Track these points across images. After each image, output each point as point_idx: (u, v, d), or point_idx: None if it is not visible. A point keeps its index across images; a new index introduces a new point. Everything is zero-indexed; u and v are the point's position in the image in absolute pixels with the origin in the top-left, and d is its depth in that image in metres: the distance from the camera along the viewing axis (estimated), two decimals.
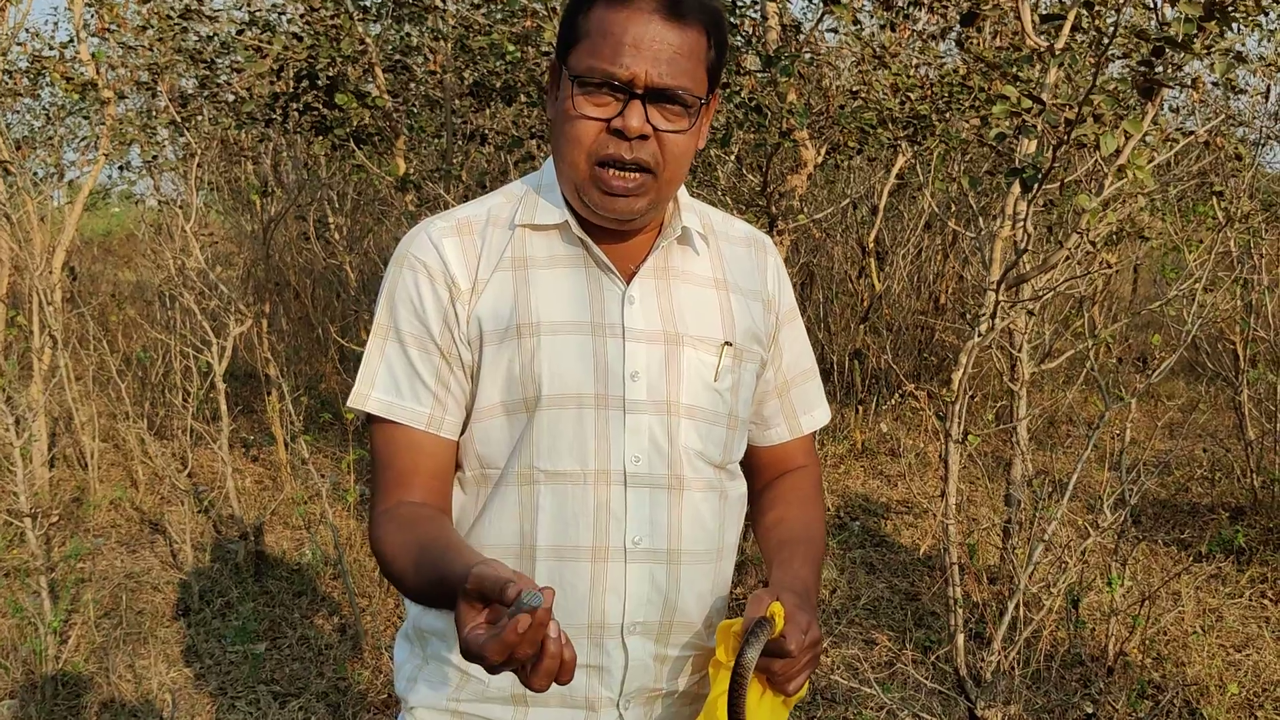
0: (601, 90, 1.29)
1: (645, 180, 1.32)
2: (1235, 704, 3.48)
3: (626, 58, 1.27)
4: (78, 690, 3.49)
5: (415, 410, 1.37)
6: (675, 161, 1.33)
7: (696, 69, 1.31)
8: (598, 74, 1.28)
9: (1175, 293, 4.18)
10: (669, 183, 1.34)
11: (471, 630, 1.09)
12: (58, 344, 5.11)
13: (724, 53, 1.35)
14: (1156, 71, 2.24)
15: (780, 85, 3.73)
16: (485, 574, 1.09)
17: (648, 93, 1.28)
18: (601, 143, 1.30)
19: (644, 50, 1.27)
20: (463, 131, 4.88)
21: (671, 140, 1.31)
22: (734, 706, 1.24)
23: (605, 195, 1.32)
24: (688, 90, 1.30)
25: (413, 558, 1.27)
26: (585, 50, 1.29)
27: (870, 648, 3.91)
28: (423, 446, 1.37)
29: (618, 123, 1.29)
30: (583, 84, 1.29)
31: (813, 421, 1.58)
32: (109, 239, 12.24)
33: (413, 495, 1.36)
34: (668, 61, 1.28)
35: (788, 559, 1.44)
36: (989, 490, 5.40)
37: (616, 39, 1.27)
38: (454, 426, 1.38)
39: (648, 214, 1.36)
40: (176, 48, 5.08)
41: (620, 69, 1.27)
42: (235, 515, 4.63)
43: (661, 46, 1.28)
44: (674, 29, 1.28)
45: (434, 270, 1.36)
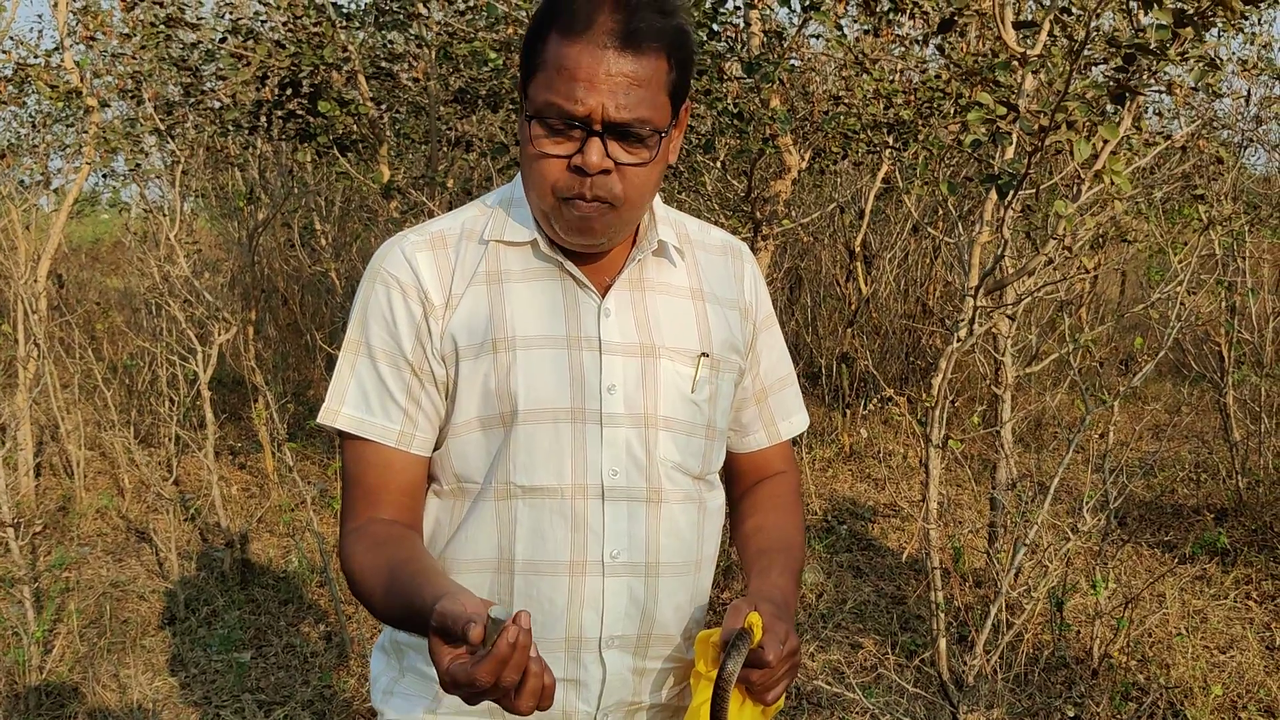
0: (559, 128, 1.26)
1: (607, 211, 1.31)
2: (1219, 705, 3.49)
3: (581, 93, 1.24)
4: (61, 700, 3.48)
5: (385, 427, 1.36)
6: (637, 191, 1.31)
7: (656, 96, 1.28)
8: (554, 111, 1.25)
9: (1159, 295, 4.20)
10: (632, 209, 1.33)
11: (453, 661, 1.08)
12: (42, 352, 5.10)
13: (688, 68, 1.33)
14: (1131, 78, 2.25)
15: (763, 91, 3.75)
16: (449, 611, 1.08)
17: (606, 128, 1.26)
18: (566, 181, 1.28)
19: (599, 85, 1.24)
20: (448, 138, 4.89)
21: (633, 173, 1.29)
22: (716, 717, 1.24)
23: (569, 227, 1.32)
24: (647, 121, 1.27)
25: (382, 580, 1.27)
26: (542, 83, 1.27)
27: (856, 651, 3.91)
28: (392, 463, 1.37)
29: (577, 160, 1.27)
30: (542, 121, 1.27)
31: (791, 428, 1.58)
32: (97, 246, 12.21)
33: (382, 512, 1.36)
34: (624, 93, 1.24)
35: (766, 568, 1.43)
36: (975, 494, 5.42)
37: (570, 74, 1.24)
38: (425, 443, 1.38)
39: (615, 238, 1.36)
40: (161, 55, 5.08)
41: (576, 106, 1.24)
42: (221, 523, 4.63)
43: (618, 79, 1.24)
44: (630, 59, 1.24)
45: (407, 285, 1.36)
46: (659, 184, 1.36)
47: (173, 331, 5.65)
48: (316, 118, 4.46)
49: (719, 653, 1.28)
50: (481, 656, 1.05)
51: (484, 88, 4.50)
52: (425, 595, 1.17)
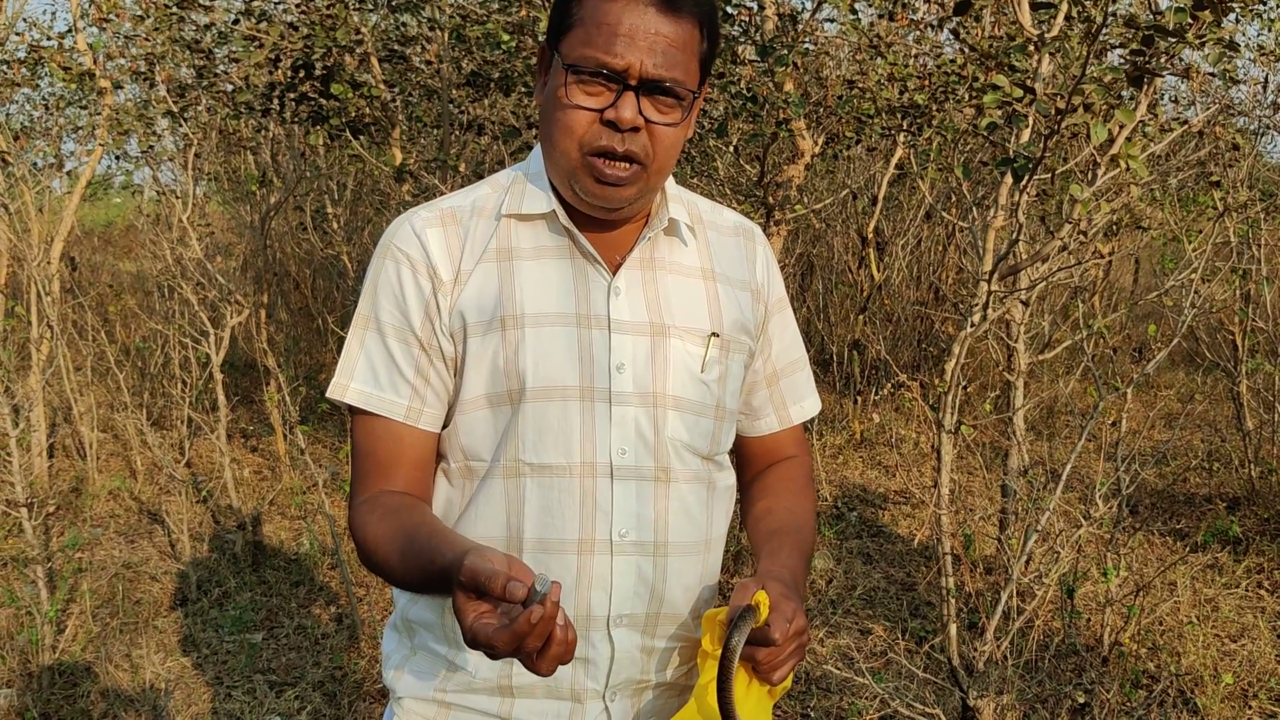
0: (595, 80, 1.28)
1: (635, 170, 1.31)
2: (1230, 694, 3.48)
3: (621, 47, 1.26)
4: (74, 679, 3.50)
5: (394, 402, 1.37)
6: (665, 153, 1.32)
7: (690, 61, 1.30)
8: (591, 63, 1.27)
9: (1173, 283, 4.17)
10: (658, 173, 1.34)
11: (477, 619, 1.09)
12: (55, 334, 5.12)
13: (716, 45, 1.35)
14: (1148, 61, 2.23)
15: (777, 75, 3.73)
16: (479, 567, 1.09)
17: (641, 84, 1.27)
18: (594, 134, 1.29)
19: (639, 41, 1.26)
20: (460, 122, 4.88)
21: (663, 132, 1.30)
22: (723, 693, 1.23)
23: (596, 183, 1.31)
24: (681, 83, 1.29)
25: (398, 545, 1.28)
26: (579, 38, 1.28)
27: (865, 637, 3.91)
28: (402, 438, 1.37)
29: (610, 114, 1.28)
30: (576, 72, 1.28)
31: (802, 412, 1.58)
32: (110, 229, 12.24)
33: (393, 484, 1.37)
34: (663, 53, 1.27)
35: (776, 549, 1.43)
36: (986, 480, 5.40)
37: (611, 28, 1.26)
38: (433, 419, 1.38)
39: (636, 203, 1.36)
40: (174, 37, 5.08)
41: (615, 59, 1.26)
42: (233, 505, 4.64)
43: (656, 38, 1.27)
44: (669, 20, 1.27)
45: (416, 261, 1.36)
46: (680, 151, 1.36)
47: (185, 314, 5.67)
48: (329, 100, 4.46)
49: (725, 630, 1.27)
50: (504, 626, 1.06)
51: (497, 71, 4.49)
52: (446, 553, 1.18)
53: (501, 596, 1.07)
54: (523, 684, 1.39)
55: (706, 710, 1.28)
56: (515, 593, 1.06)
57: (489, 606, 1.10)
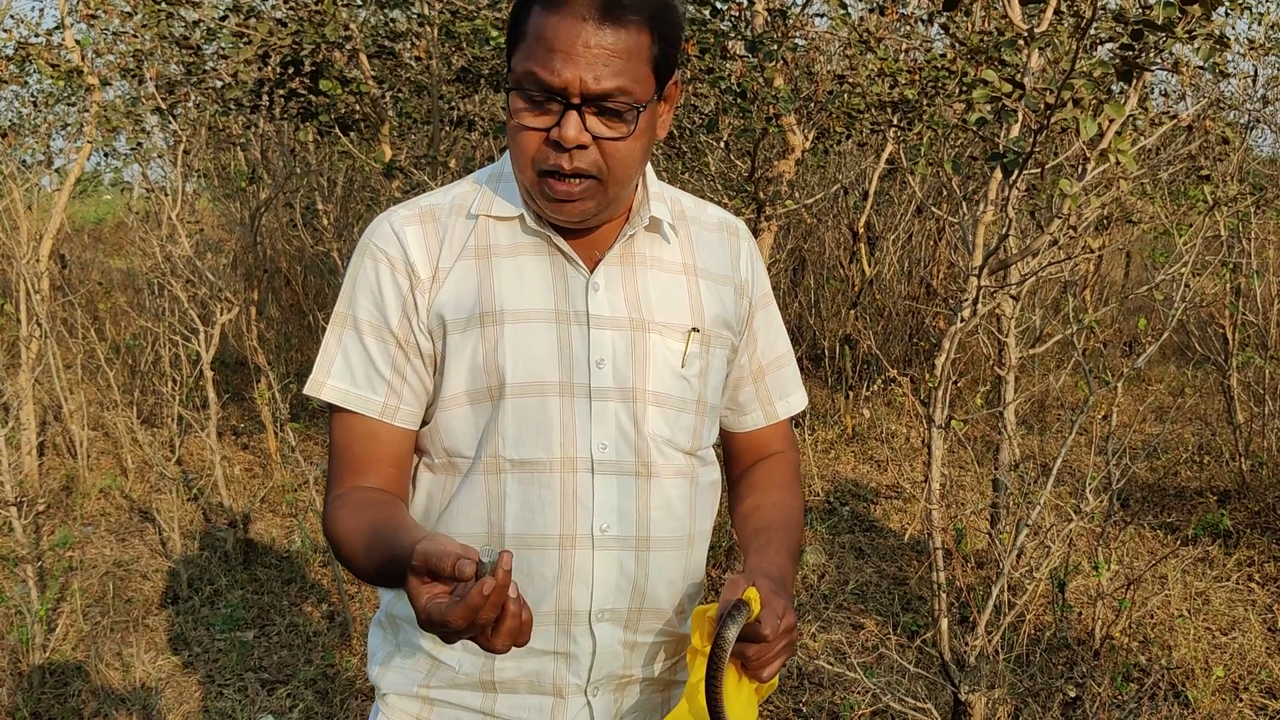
0: (538, 99, 1.26)
1: (589, 185, 1.29)
2: (1220, 687, 3.49)
3: (559, 64, 1.23)
4: (65, 678, 3.49)
5: (369, 399, 1.37)
6: (621, 165, 1.30)
7: (638, 68, 1.26)
8: (532, 82, 1.25)
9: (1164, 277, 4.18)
10: (617, 184, 1.32)
11: (430, 600, 1.09)
12: (45, 332, 5.10)
13: (674, 43, 1.31)
14: (1137, 55, 2.23)
15: (767, 71, 3.72)
16: (430, 550, 1.09)
17: (585, 100, 1.25)
18: (542, 154, 1.28)
19: (577, 57, 1.23)
20: (450, 118, 4.86)
21: (612, 146, 1.28)
22: (712, 687, 1.23)
23: (551, 202, 1.31)
24: (627, 92, 1.26)
25: (365, 540, 1.28)
26: (523, 54, 1.26)
27: (857, 632, 3.92)
28: (378, 435, 1.37)
29: (554, 133, 1.26)
30: (521, 90, 1.26)
31: (788, 407, 1.58)
32: (100, 227, 12.20)
33: (368, 481, 1.37)
34: (603, 65, 1.23)
35: (764, 546, 1.43)
36: (978, 475, 5.41)
37: (549, 45, 1.23)
38: (409, 416, 1.38)
39: (601, 214, 1.35)
40: (162, 34, 5.05)
41: (553, 76, 1.23)
42: (224, 503, 4.63)
43: (596, 51, 1.23)
44: (610, 30, 1.23)
45: (395, 259, 1.36)
46: (644, 159, 1.34)
47: (175, 312, 5.65)
48: (318, 96, 4.44)
49: (714, 627, 1.27)
50: (456, 601, 1.06)
51: (486, 66, 4.48)
52: (404, 541, 1.18)
53: (452, 574, 1.06)
54: (505, 679, 1.39)
55: (697, 709, 1.28)
56: (464, 569, 1.06)
57: (442, 588, 1.10)
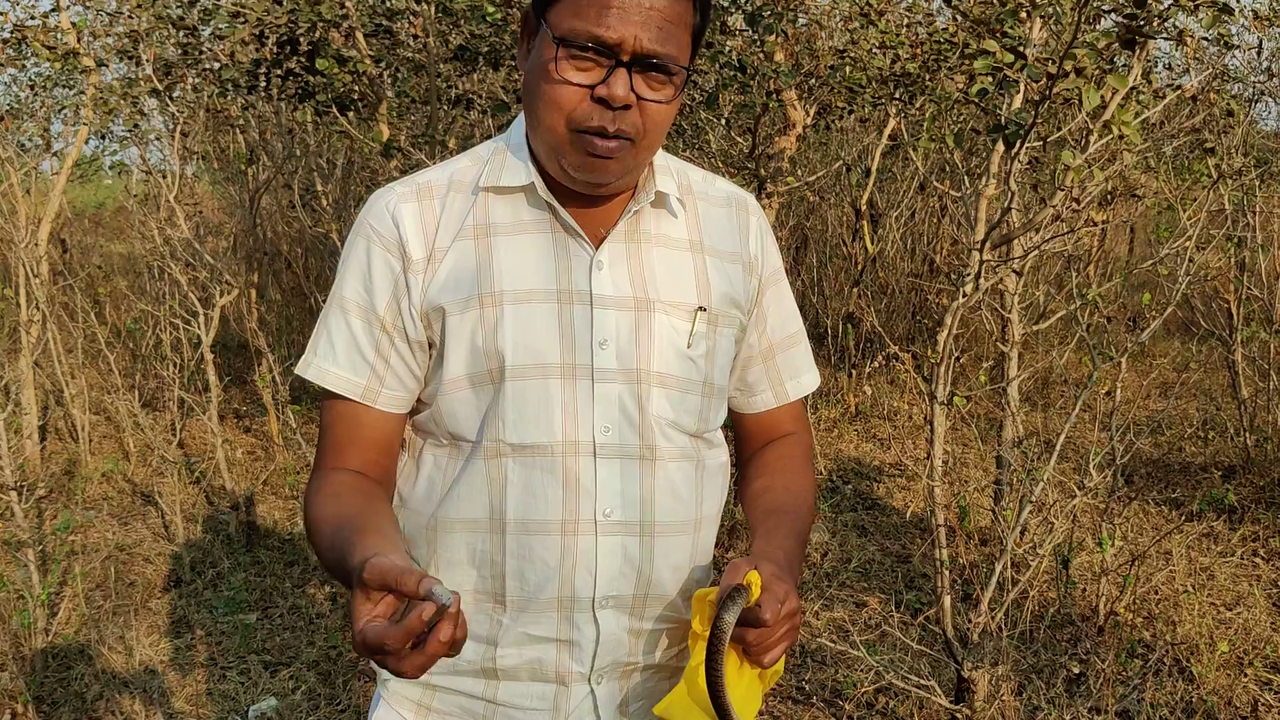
0: (585, 54, 1.23)
1: (624, 145, 1.27)
2: (1225, 662, 3.48)
3: (614, 21, 1.21)
4: (68, 662, 3.49)
5: (350, 380, 1.35)
6: (655, 129, 1.28)
7: (683, 35, 1.26)
8: (583, 36, 1.22)
9: (1168, 251, 4.15)
10: (646, 149, 1.30)
11: (368, 623, 1.06)
12: (45, 317, 5.08)
13: (708, 18, 1.31)
14: (1141, 24, 2.20)
15: (767, 45, 3.69)
16: (384, 565, 1.06)
17: (634, 60, 1.23)
18: (584, 111, 1.25)
19: (632, 15, 1.21)
20: (448, 97, 4.83)
21: (655, 109, 1.26)
22: (712, 671, 1.21)
23: (584, 158, 1.27)
24: (674, 59, 1.25)
25: (329, 531, 1.25)
26: (569, 9, 1.23)
27: (860, 610, 3.91)
28: (359, 417, 1.35)
29: (601, 90, 1.23)
30: (567, 45, 1.23)
31: (800, 387, 1.54)
32: (101, 211, 12.18)
33: (347, 463, 1.35)
34: (657, 27, 1.22)
35: (772, 529, 1.40)
36: (981, 452, 5.40)
37: (603, 1, 1.21)
38: (392, 400, 1.36)
39: (624, 178, 1.32)
40: (158, 14, 5.02)
41: (608, 32, 1.21)
42: (226, 486, 4.63)
43: (650, 12, 1.22)
44: None
45: (387, 240, 1.33)
46: (669, 125, 1.33)
47: (176, 295, 5.63)
48: (315, 76, 4.41)
49: (714, 610, 1.24)
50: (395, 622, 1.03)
51: (484, 44, 4.44)
52: (358, 551, 1.14)
53: (413, 593, 1.03)
54: (507, 666, 1.37)
55: (697, 693, 1.26)
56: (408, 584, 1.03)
57: (382, 610, 1.07)
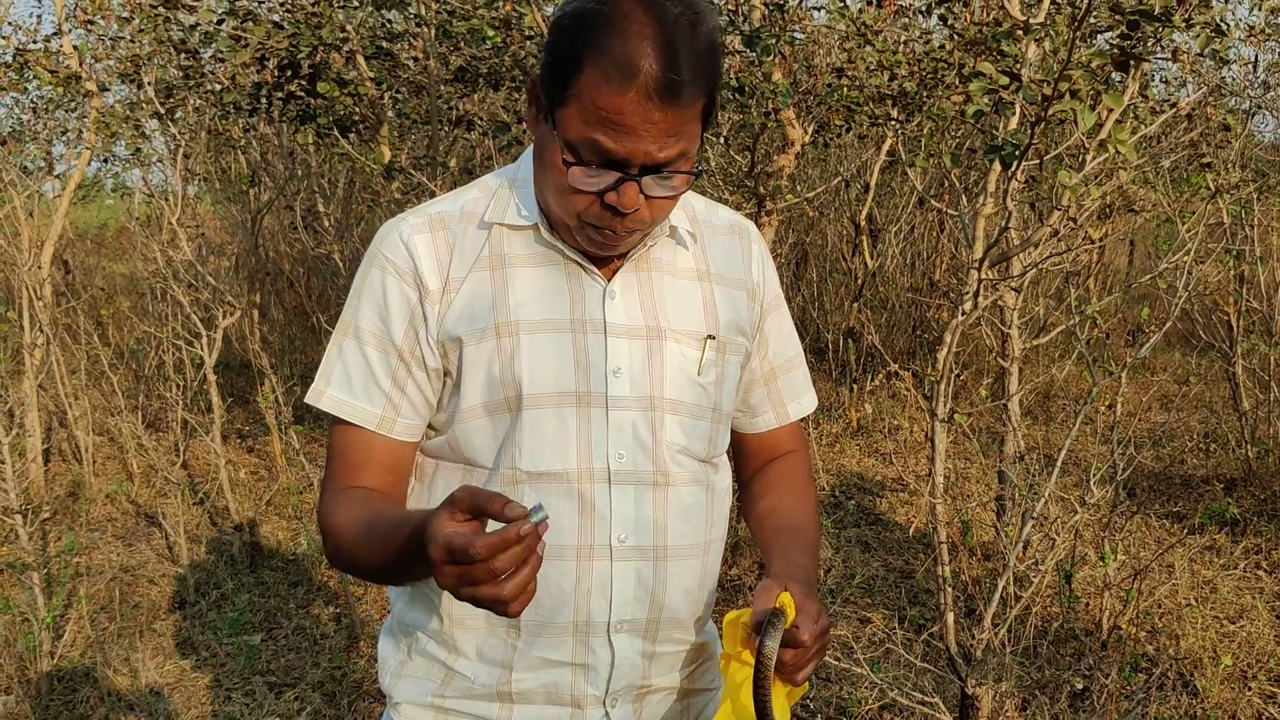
0: (596, 165, 1.23)
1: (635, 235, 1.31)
2: (1229, 675, 3.49)
3: (625, 138, 1.20)
4: (73, 685, 3.50)
5: (367, 410, 1.36)
6: (665, 215, 1.31)
7: (693, 128, 1.25)
8: (591, 150, 1.22)
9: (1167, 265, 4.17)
10: (657, 223, 1.32)
11: (455, 529, 1.06)
12: (48, 338, 5.10)
13: (719, 86, 1.29)
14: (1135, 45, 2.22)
15: (765, 65, 3.71)
16: (474, 488, 1.08)
17: (643, 170, 1.23)
18: (595, 213, 1.26)
19: (641, 133, 1.20)
20: (449, 118, 4.86)
21: (661, 203, 1.28)
22: (760, 699, 1.23)
23: (593, 246, 1.32)
24: (686, 155, 1.25)
25: (364, 525, 1.27)
26: (577, 116, 1.22)
27: (864, 626, 3.91)
28: (374, 445, 1.37)
29: (611, 199, 1.24)
30: (574, 151, 1.23)
31: (800, 409, 1.57)
32: (102, 232, 12.21)
33: (363, 483, 1.37)
34: (666, 137, 1.22)
35: (786, 547, 1.42)
36: (983, 467, 5.40)
37: (611, 119, 1.20)
38: (408, 429, 1.37)
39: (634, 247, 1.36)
40: (159, 38, 5.05)
41: (617, 147, 1.21)
42: (230, 507, 4.64)
43: (661, 126, 1.21)
44: (673, 108, 1.20)
45: (403, 270, 1.35)
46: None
47: (178, 316, 5.65)
48: (316, 99, 4.44)
49: (750, 634, 1.26)
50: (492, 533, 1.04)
51: (484, 66, 4.47)
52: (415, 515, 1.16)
53: (499, 514, 1.05)
54: (522, 690, 1.38)
55: (741, 711, 1.28)
56: (514, 510, 1.04)
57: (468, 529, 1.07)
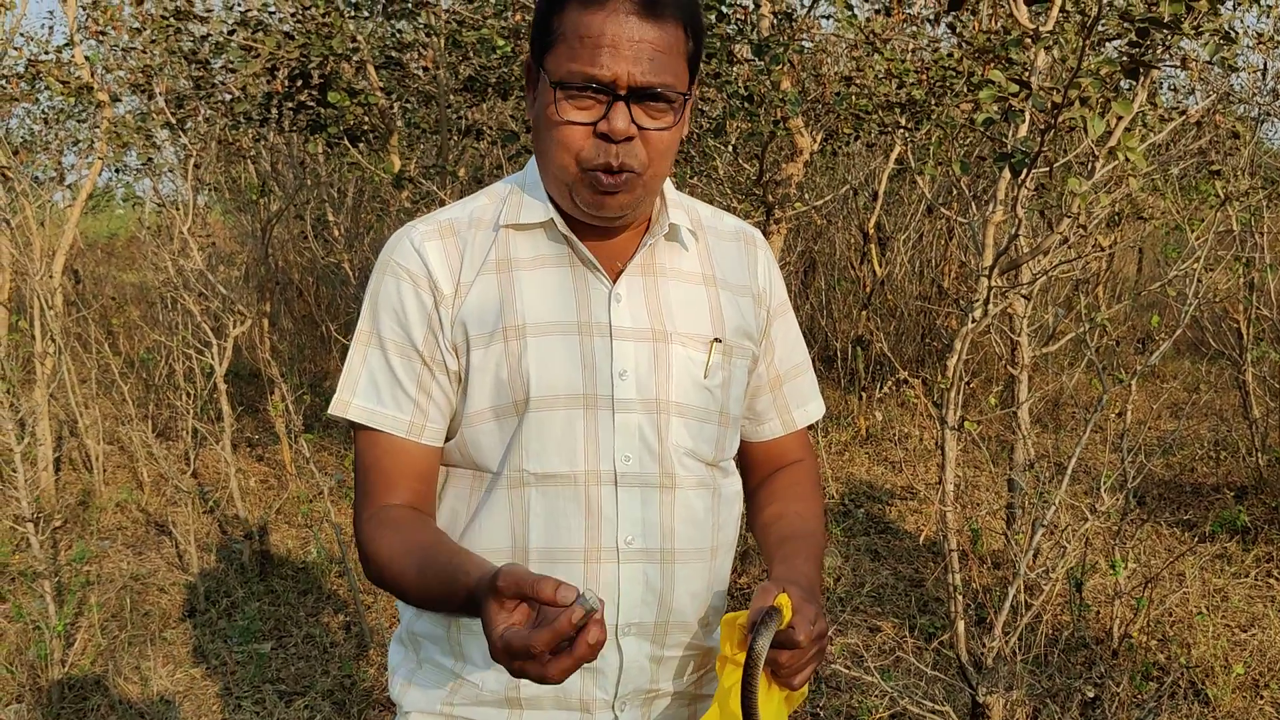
0: (584, 94, 1.27)
1: (630, 179, 1.31)
2: (1241, 684, 3.47)
3: (606, 58, 1.25)
4: (84, 693, 3.51)
5: (396, 418, 1.36)
6: (660, 157, 1.32)
7: (677, 63, 1.30)
8: (579, 77, 1.26)
9: (1176, 272, 4.16)
10: (654, 178, 1.33)
11: (507, 627, 1.07)
12: (59, 348, 5.12)
13: (702, 42, 1.35)
14: (1144, 53, 2.22)
15: (774, 73, 3.72)
16: (519, 572, 1.08)
17: (631, 93, 1.27)
18: (590, 150, 1.29)
19: (624, 50, 1.25)
20: (458, 127, 4.87)
21: (657, 137, 1.30)
22: (747, 697, 1.22)
23: (595, 194, 1.31)
24: (670, 86, 1.28)
25: (414, 560, 1.27)
26: (563, 53, 1.28)
27: (874, 635, 3.91)
28: (406, 451, 1.37)
29: (603, 126, 1.27)
30: (564, 88, 1.27)
31: (806, 415, 1.57)
32: (112, 241, 12.26)
33: (396, 498, 1.36)
34: (649, 59, 1.26)
35: (790, 554, 1.42)
36: (992, 475, 5.39)
37: (594, 40, 1.25)
38: (435, 433, 1.38)
39: (635, 209, 1.35)
40: (171, 49, 5.08)
41: (602, 70, 1.25)
42: (240, 515, 4.65)
43: (642, 45, 1.26)
44: (652, 25, 1.26)
45: (417, 276, 1.36)
46: (674, 153, 1.36)
47: (189, 325, 5.67)
48: (327, 109, 4.46)
49: (746, 634, 1.26)
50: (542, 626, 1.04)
51: (494, 75, 4.49)
52: (472, 571, 1.16)
53: (551, 600, 1.04)
54: (530, 695, 1.38)
55: (729, 715, 1.28)
56: (566, 595, 1.04)
57: (520, 617, 1.08)
